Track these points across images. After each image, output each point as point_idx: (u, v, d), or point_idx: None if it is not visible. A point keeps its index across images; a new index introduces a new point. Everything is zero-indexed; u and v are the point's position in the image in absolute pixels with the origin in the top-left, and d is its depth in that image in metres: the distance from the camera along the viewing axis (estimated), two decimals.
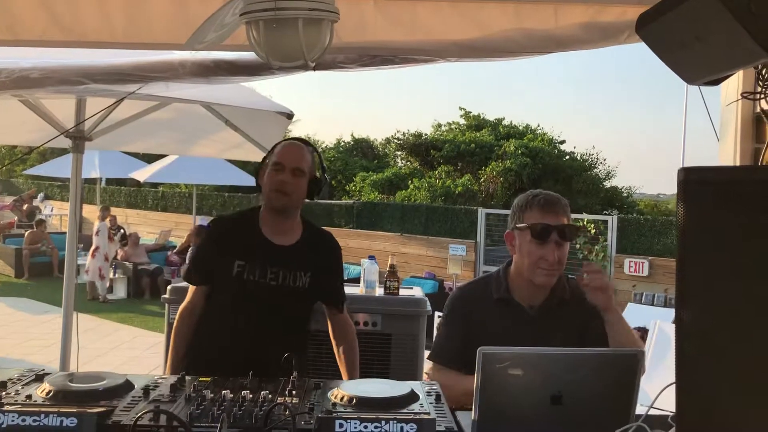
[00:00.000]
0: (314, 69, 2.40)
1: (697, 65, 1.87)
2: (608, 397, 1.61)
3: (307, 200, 2.51)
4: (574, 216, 11.15)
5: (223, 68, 2.52)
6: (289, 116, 4.00)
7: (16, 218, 17.66)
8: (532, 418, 1.58)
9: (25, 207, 17.93)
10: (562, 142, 22.84)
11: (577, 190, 20.18)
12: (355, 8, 2.30)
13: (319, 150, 2.60)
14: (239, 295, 2.41)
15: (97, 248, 11.49)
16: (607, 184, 22.39)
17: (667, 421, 1.70)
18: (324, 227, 2.75)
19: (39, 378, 1.72)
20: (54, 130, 3.71)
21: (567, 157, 22.18)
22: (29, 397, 1.55)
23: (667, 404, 1.65)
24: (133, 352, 8.22)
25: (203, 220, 13.23)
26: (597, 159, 22.72)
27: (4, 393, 1.57)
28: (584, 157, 22.61)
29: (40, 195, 21.82)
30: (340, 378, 2.52)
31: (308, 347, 2.66)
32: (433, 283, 11.28)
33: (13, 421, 1.39)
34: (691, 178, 1.24)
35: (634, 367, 1.59)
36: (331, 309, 2.61)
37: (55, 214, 20.34)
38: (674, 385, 1.27)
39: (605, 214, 14.03)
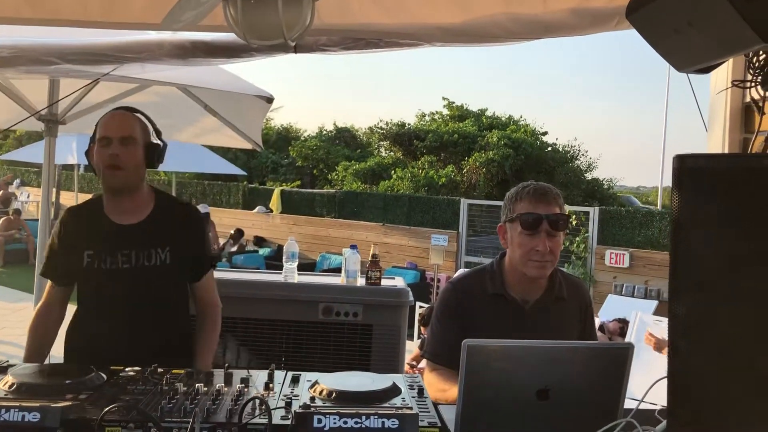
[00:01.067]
0: (295, 51, 2.33)
1: (688, 52, 1.82)
2: (596, 391, 1.56)
3: (148, 169, 2.30)
4: None
5: (201, 49, 2.45)
6: (269, 100, 3.92)
7: None
8: (517, 413, 1.53)
9: (0, 193, 17.63)
10: (545, 133, 22.88)
11: (558, 182, 20.20)
12: None
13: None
14: (97, 286, 2.25)
15: None
16: (588, 176, 22.50)
17: (654, 416, 1.66)
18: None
19: (2, 370, 1.64)
20: (25, 112, 3.59)
21: (549, 148, 22.22)
22: None
23: (652, 398, 1.61)
24: None
25: (204, 207, 12.81)
26: (579, 151, 22.82)
27: None
28: (566, 148, 22.68)
29: (16, 181, 21.46)
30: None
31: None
32: (414, 273, 11.26)
33: None
34: (686, 167, 1.19)
35: (622, 362, 1.54)
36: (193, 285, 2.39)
37: (32, 200, 20.04)
38: (665, 380, 1.24)
39: (586, 206, 14.07)
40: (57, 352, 2.32)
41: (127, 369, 1.71)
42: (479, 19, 2.29)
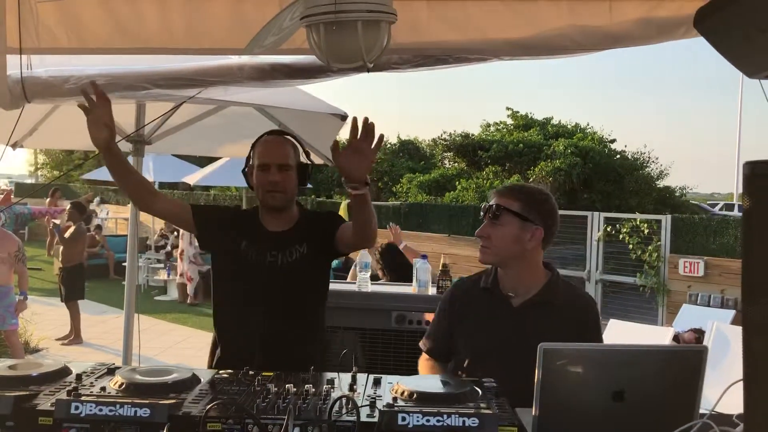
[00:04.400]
0: (369, 71, 2.43)
1: (761, 58, 1.83)
2: (671, 394, 1.59)
3: (300, 187, 2.57)
4: (626, 216, 10.84)
5: (280, 71, 2.57)
6: (343, 118, 4.03)
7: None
8: (593, 415, 1.58)
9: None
10: (613, 140, 22.46)
11: (629, 190, 19.80)
12: (408, 9, 2.31)
13: None
14: (245, 272, 2.49)
15: (182, 251, 11.89)
16: (660, 183, 21.94)
17: (731, 420, 1.68)
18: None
19: (111, 371, 1.80)
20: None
21: (618, 156, 21.78)
22: (103, 389, 1.62)
23: (726, 407, 1.62)
24: (187, 351, 8.40)
25: None
26: (649, 158, 22.29)
27: (80, 385, 1.64)
28: (635, 156, 22.19)
29: (96, 199, 22.42)
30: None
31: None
32: None
33: (90, 410, 1.46)
34: (758, 173, 1.22)
35: (697, 365, 1.57)
36: (342, 230, 2.53)
37: (111, 217, 20.89)
38: (738, 384, 1.26)
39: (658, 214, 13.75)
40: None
41: (221, 372, 1.84)
42: (547, 32, 2.34)
